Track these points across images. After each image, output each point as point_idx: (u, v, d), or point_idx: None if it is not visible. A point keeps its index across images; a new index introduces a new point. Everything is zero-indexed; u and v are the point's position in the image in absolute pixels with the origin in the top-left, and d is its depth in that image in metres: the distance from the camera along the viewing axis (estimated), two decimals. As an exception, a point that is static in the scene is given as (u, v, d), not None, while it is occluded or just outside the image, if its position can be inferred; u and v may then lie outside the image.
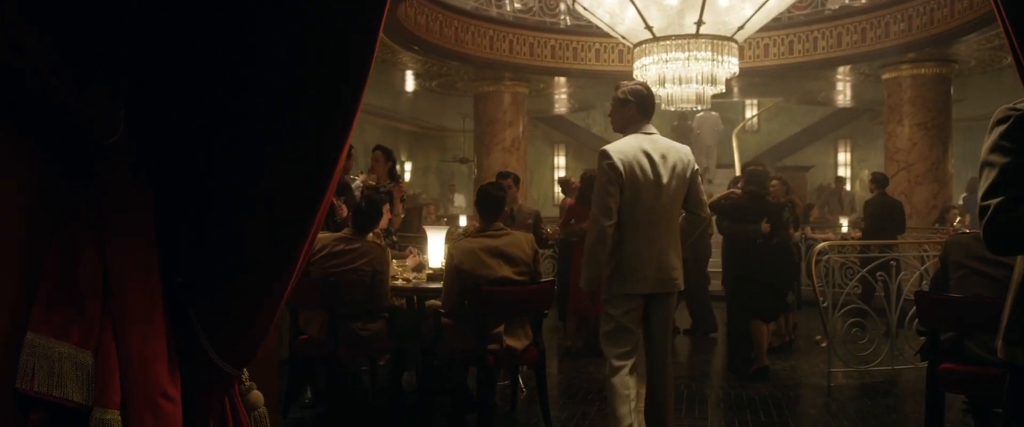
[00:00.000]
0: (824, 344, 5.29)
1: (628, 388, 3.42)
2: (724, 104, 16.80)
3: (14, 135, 1.54)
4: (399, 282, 4.74)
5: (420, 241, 6.40)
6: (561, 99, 14.83)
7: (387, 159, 6.06)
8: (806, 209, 11.13)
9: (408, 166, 18.08)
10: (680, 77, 8.13)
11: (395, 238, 6.00)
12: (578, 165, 17.75)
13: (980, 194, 1.87)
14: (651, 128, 3.58)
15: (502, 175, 6.63)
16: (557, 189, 18.71)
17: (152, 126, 1.67)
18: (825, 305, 5.25)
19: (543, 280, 4.25)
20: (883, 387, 5.20)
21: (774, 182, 6.58)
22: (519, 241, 4.12)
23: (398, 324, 4.54)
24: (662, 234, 3.46)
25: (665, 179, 3.44)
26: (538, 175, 18.16)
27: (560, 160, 18.58)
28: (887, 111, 10.33)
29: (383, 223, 5.31)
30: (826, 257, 5.27)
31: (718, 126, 15.57)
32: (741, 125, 15.88)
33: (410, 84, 13.05)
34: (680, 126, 15.38)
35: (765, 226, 5.49)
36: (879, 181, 7.70)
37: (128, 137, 1.65)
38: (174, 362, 1.89)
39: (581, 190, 6.58)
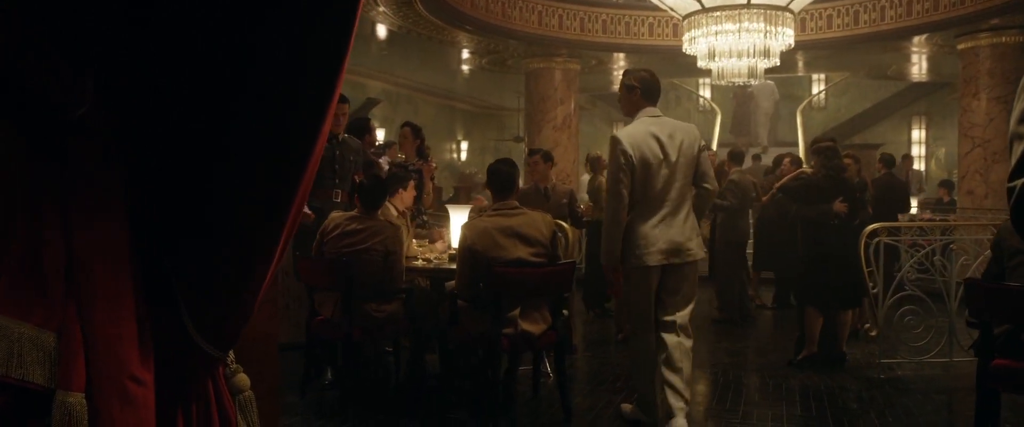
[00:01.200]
0: (874, 333, 4.93)
1: (649, 358, 3.77)
2: (789, 80, 16.12)
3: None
4: (419, 262, 4.61)
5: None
6: (618, 76, 14.45)
7: (415, 136, 5.92)
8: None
9: (464, 145, 18.00)
10: (732, 50, 7.74)
11: (425, 217, 5.88)
12: (637, 144, 17.34)
13: (1009, 172, 1.59)
14: (656, 111, 3.83)
15: (531, 152, 6.44)
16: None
17: (126, 99, 1.53)
18: (875, 291, 4.89)
19: (562, 262, 4.05)
20: (938, 382, 4.82)
21: (846, 160, 6.23)
22: (535, 221, 3.93)
23: (415, 306, 4.43)
24: (673, 209, 3.70)
25: (674, 157, 3.69)
26: (600, 153, 17.81)
27: (618, 139, 18.19)
28: (962, 84, 9.65)
29: (408, 201, 5.20)
30: (876, 239, 4.89)
31: (774, 94, 14.98)
32: (806, 101, 15.22)
33: (464, 63, 12.91)
34: (739, 94, 14.83)
35: (839, 205, 5.11)
36: (886, 161, 7.89)
37: (99, 111, 1.51)
38: (147, 344, 1.81)
39: None
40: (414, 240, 4.83)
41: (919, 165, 15.43)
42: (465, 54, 12.04)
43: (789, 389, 4.70)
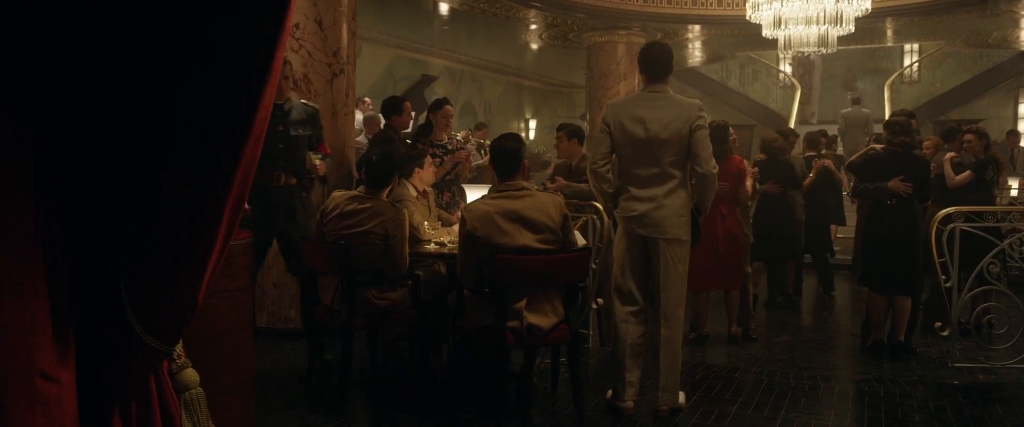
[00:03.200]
0: (946, 332, 4.31)
1: (616, 332, 3.78)
2: (877, 52, 15.05)
3: None
4: (431, 246, 4.28)
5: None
6: (691, 51, 13.74)
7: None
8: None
9: (532, 124, 17.61)
10: (801, 17, 7.07)
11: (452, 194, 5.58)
12: (711, 120, 16.54)
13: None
14: (658, 87, 3.74)
15: (560, 127, 6.01)
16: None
17: (40, 74, 1.46)
18: (949, 286, 4.26)
19: (576, 249, 3.64)
20: (1023, 391, 4.18)
21: (969, 136, 5.63)
22: (543, 203, 3.53)
23: (422, 294, 4.11)
24: (653, 185, 3.67)
25: (658, 134, 3.63)
26: (670, 133, 17.13)
27: (693, 116, 17.41)
28: (1073, 52, 8.63)
29: (427, 180, 4.88)
30: (951, 225, 4.25)
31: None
32: (896, 74, 14.12)
33: (526, 38, 12.49)
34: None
35: (897, 184, 4.70)
36: (945, 135, 6.86)
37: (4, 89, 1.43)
38: (64, 338, 1.70)
39: None
40: (425, 222, 4.48)
41: (1025, 143, 14.10)
42: (526, 29, 11.63)
43: (841, 394, 4.17)
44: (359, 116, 9.64)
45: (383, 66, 12.72)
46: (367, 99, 10.34)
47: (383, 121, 9.64)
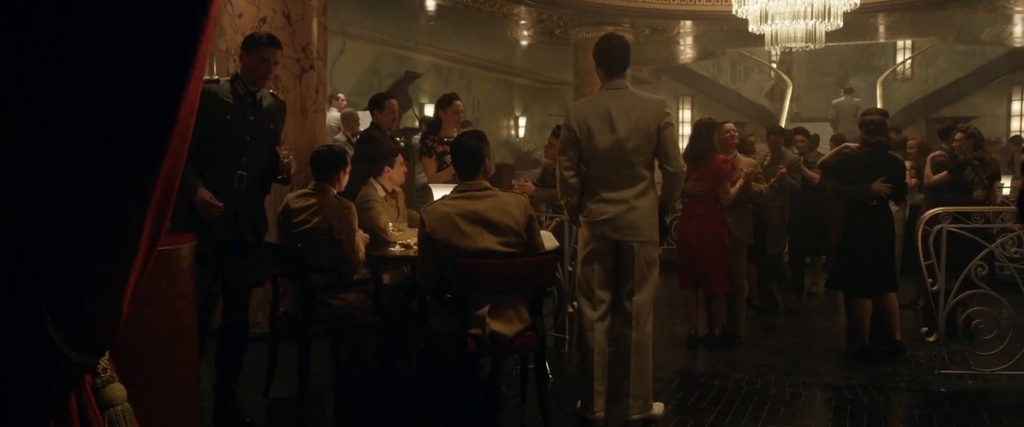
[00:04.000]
0: (932, 338, 4.14)
1: (598, 344, 3.58)
2: (869, 48, 14.87)
3: None
4: (396, 249, 4.10)
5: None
6: (682, 48, 13.56)
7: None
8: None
9: (522, 122, 17.41)
10: (787, 12, 6.90)
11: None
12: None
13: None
14: (618, 83, 3.58)
15: (556, 130, 5.82)
16: (683, 144, 17.43)
17: None
18: (935, 289, 4.09)
19: (542, 251, 3.46)
20: (1010, 398, 4.01)
21: (958, 135, 5.50)
22: (507, 204, 3.35)
23: (383, 297, 3.94)
24: (621, 187, 3.52)
25: (623, 134, 3.46)
26: (662, 130, 16.96)
27: (685, 114, 17.26)
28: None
29: (397, 179, 4.71)
30: (938, 227, 4.08)
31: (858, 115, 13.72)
32: (888, 71, 13.96)
33: (513, 35, 12.30)
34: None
35: (881, 185, 4.66)
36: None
37: None
38: None
39: (690, 144, 5.56)
40: (392, 223, 4.30)
41: (1019, 141, 13.95)
42: (514, 25, 11.45)
43: (824, 401, 4.00)
44: (335, 114, 9.45)
45: (367, 63, 12.52)
46: (341, 95, 10.16)
47: (361, 118, 9.50)
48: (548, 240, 4.26)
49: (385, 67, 12.65)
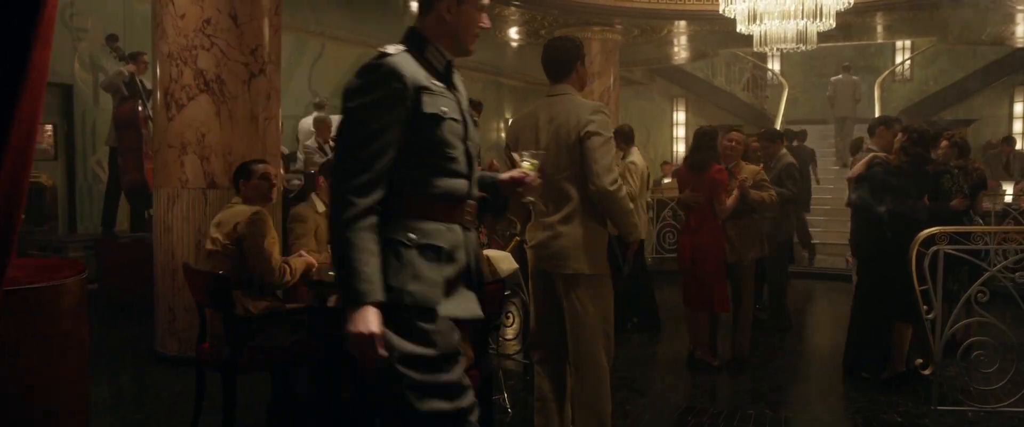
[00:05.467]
0: (928, 371, 3.75)
1: (541, 391, 3.21)
2: (867, 49, 14.50)
3: None
4: (332, 274, 3.72)
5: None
6: (675, 48, 13.18)
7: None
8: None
9: (513, 124, 17.07)
10: (776, 11, 6.52)
11: None
12: (698, 121, 16.01)
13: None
14: (561, 89, 3.11)
15: None
16: (677, 147, 17.07)
17: None
18: (932, 317, 3.71)
19: (486, 282, 3.08)
20: (1017, 437, 3.64)
21: (944, 143, 5.11)
22: (444, 228, 2.97)
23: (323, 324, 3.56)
24: (550, 208, 3.07)
25: (548, 145, 2.99)
26: (656, 132, 16.59)
27: (680, 115, 16.87)
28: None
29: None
30: (934, 249, 3.69)
31: (856, 89, 13.35)
32: (887, 72, 13.57)
33: (501, 36, 11.93)
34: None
35: (960, 202, 4.59)
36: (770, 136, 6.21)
37: None
38: None
39: (691, 152, 5.20)
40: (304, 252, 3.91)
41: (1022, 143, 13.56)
42: (499, 26, 11.07)
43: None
44: (309, 118, 9.08)
45: (349, 65, 12.12)
46: (324, 105, 9.78)
47: (334, 123, 9.12)
48: (505, 261, 3.90)
49: (367, 69, 12.27)
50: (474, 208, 2.12)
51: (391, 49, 1.98)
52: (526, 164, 2.34)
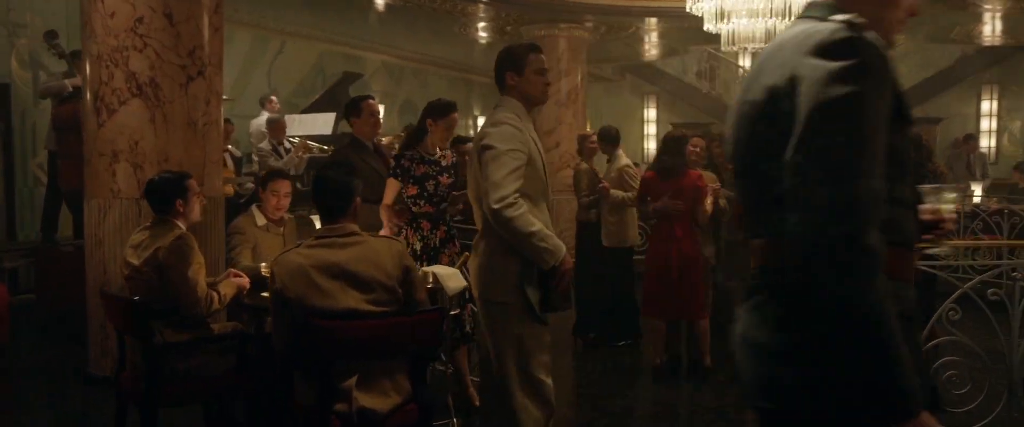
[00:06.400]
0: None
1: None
2: (839, 46, 14.38)
3: None
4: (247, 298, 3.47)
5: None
6: (646, 46, 12.99)
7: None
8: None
9: (481, 121, 16.79)
10: (744, 8, 6.32)
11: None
12: (669, 118, 15.85)
13: None
14: (499, 101, 2.95)
15: (458, 140, 5.18)
16: (647, 146, 16.90)
17: None
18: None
19: (426, 308, 2.84)
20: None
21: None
22: (376, 253, 2.72)
23: (251, 351, 3.31)
24: (479, 229, 2.92)
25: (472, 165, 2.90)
26: (627, 130, 16.37)
27: (651, 113, 16.70)
28: (1041, 48, 7.99)
29: (282, 206, 4.06)
30: (904, 265, 3.50)
31: None
32: (857, 70, 13.46)
33: (464, 33, 11.65)
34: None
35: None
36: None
37: None
38: None
39: (657, 157, 5.04)
40: (263, 265, 3.64)
41: (989, 141, 13.56)
42: (464, 23, 10.80)
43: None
44: (262, 118, 8.74)
45: (311, 62, 11.81)
46: (273, 98, 9.43)
47: (301, 123, 8.80)
48: (453, 278, 3.65)
49: (331, 66, 11.93)
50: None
51: (855, 19, 1.39)
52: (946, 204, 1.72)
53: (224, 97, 9.65)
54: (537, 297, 2.73)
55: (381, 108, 13.07)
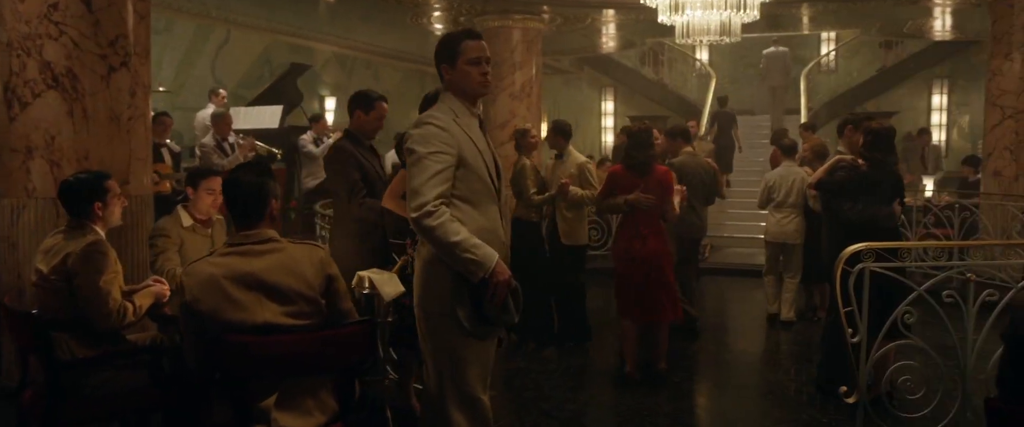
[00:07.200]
0: (852, 399, 3.45)
1: None
2: (793, 40, 14.46)
3: None
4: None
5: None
6: (604, 38, 12.85)
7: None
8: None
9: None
10: (700, 1, 6.19)
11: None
12: (627, 111, 15.76)
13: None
14: (441, 94, 2.77)
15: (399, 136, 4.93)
16: (605, 139, 16.80)
17: None
18: (856, 340, 3.41)
19: (354, 321, 2.62)
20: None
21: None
22: (295, 261, 2.50)
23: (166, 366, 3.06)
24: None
25: None
26: (585, 123, 16.27)
27: (608, 106, 16.60)
28: (991, 43, 7.99)
29: (207, 206, 3.81)
30: (860, 266, 3.38)
31: (787, 64, 13.28)
32: (813, 63, 13.55)
33: (416, 24, 11.36)
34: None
35: (897, 208, 4.18)
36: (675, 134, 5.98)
37: None
38: None
39: (629, 152, 4.75)
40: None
41: (941, 135, 13.73)
42: (417, 12, 10.52)
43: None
44: (208, 111, 8.39)
45: (257, 53, 11.43)
46: (222, 91, 9.08)
47: (245, 117, 8.45)
48: (390, 283, 3.43)
49: (278, 57, 11.57)
50: None
51: None
52: None
53: (161, 89, 9.38)
54: (467, 313, 2.53)
55: (333, 101, 12.80)
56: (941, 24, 11.41)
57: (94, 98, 4.32)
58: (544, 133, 6.97)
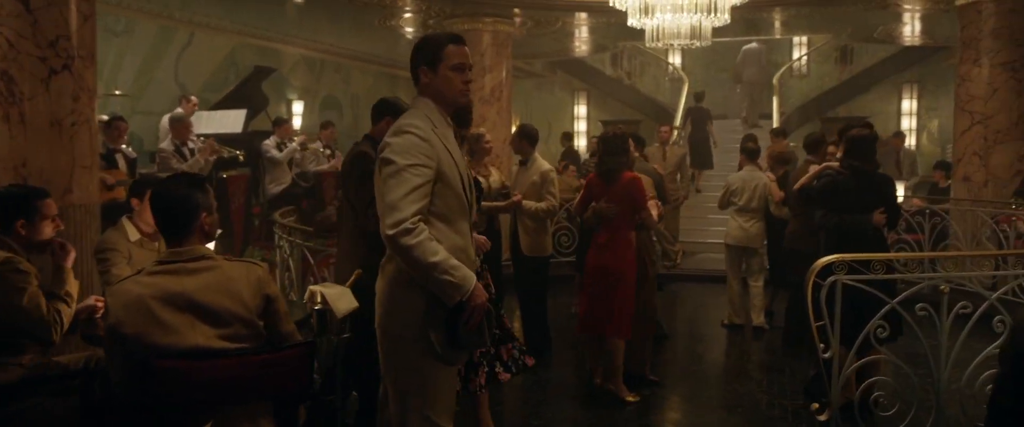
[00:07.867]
0: (824, 416, 3.33)
1: None
2: (767, 44, 14.47)
3: None
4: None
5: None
6: (576, 42, 12.74)
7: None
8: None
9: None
10: (670, 4, 6.08)
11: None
12: (600, 115, 15.67)
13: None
14: (415, 100, 2.54)
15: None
16: (578, 143, 16.67)
17: None
18: (828, 356, 3.29)
19: (293, 344, 2.45)
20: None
21: (832, 148, 4.95)
22: (230, 279, 2.32)
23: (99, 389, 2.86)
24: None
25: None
26: (558, 127, 16.16)
27: (581, 110, 16.50)
28: (961, 48, 7.98)
29: (152, 220, 3.58)
30: (832, 279, 3.27)
31: (761, 59, 13.29)
32: (785, 67, 13.55)
33: (388, 28, 11.18)
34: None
35: (879, 217, 4.02)
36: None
37: None
38: None
39: (602, 159, 4.55)
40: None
41: (911, 139, 13.78)
42: (387, 15, 10.34)
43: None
44: (167, 117, 8.12)
45: (222, 55, 11.15)
46: (193, 98, 8.83)
47: (187, 124, 8.14)
48: (343, 299, 3.25)
49: (244, 59, 11.31)
50: None
51: None
52: None
53: (117, 92, 9.09)
54: (440, 338, 2.36)
55: (301, 105, 12.52)
56: (911, 29, 11.44)
57: (32, 102, 4.11)
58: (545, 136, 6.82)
